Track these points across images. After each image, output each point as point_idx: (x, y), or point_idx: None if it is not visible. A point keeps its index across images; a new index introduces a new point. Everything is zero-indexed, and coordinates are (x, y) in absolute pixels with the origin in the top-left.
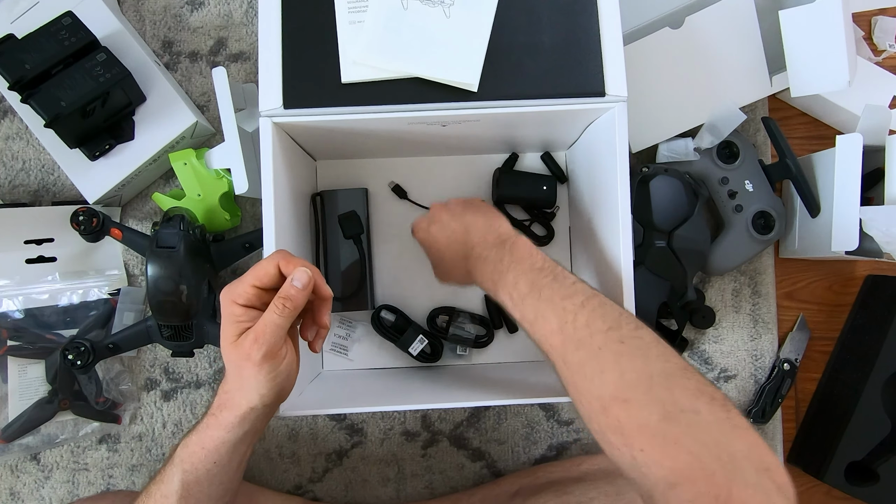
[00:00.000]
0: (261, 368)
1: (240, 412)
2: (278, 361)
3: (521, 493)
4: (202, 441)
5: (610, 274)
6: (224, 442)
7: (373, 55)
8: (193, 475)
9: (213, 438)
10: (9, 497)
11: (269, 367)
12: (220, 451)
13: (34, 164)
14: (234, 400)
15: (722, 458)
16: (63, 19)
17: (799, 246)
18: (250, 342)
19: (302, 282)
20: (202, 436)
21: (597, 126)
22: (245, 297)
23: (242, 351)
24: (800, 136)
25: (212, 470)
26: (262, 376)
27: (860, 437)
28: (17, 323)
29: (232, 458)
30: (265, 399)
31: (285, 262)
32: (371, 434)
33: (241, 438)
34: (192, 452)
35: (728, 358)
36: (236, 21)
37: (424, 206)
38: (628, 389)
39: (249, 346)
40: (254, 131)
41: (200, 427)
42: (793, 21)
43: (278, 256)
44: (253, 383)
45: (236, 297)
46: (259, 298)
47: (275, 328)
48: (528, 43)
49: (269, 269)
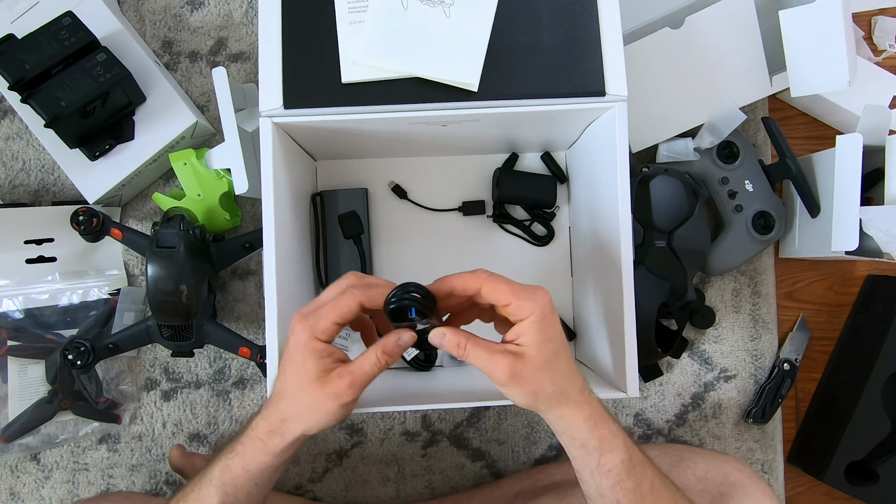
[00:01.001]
0: (346, 409)
1: (292, 438)
2: (355, 404)
3: (522, 495)
4: (247, 465)
5: (610, 274)
6: (269, 466)
7: (373, 55)
8: (233, 497)
9: (259, 463)
10: (9, 497)
11: (350, 406)
12: (264, 475)
13: (34, 164)
14: (291, 428)
15: None
16: (63, 19)
17: (799, 246)
18: (346, 385)
19: (406, 343)
20: (248, 460)
21: (597, 126)
22: (328, 334)
23: (332, 390)
24: (800, 136)
25: (252, 491)
26: (339, 413)
27: (860, 437)
28: (17, 323)
29: (272, 479)
30: (323, 426)
31: (367, 298)
32: (371, 434)
33: (283, 462)
34: (236, 476)
35: (728, 358)
36: (236, 21)
37: (424, 207)
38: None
39: (344, 389)
40: (254, 131)
41: (244, 451)
42: (793, 21)
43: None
44: (325, 417)
45: (319, 333)
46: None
47: (370, 377)
48: (528, 43)
49: (352, 307)
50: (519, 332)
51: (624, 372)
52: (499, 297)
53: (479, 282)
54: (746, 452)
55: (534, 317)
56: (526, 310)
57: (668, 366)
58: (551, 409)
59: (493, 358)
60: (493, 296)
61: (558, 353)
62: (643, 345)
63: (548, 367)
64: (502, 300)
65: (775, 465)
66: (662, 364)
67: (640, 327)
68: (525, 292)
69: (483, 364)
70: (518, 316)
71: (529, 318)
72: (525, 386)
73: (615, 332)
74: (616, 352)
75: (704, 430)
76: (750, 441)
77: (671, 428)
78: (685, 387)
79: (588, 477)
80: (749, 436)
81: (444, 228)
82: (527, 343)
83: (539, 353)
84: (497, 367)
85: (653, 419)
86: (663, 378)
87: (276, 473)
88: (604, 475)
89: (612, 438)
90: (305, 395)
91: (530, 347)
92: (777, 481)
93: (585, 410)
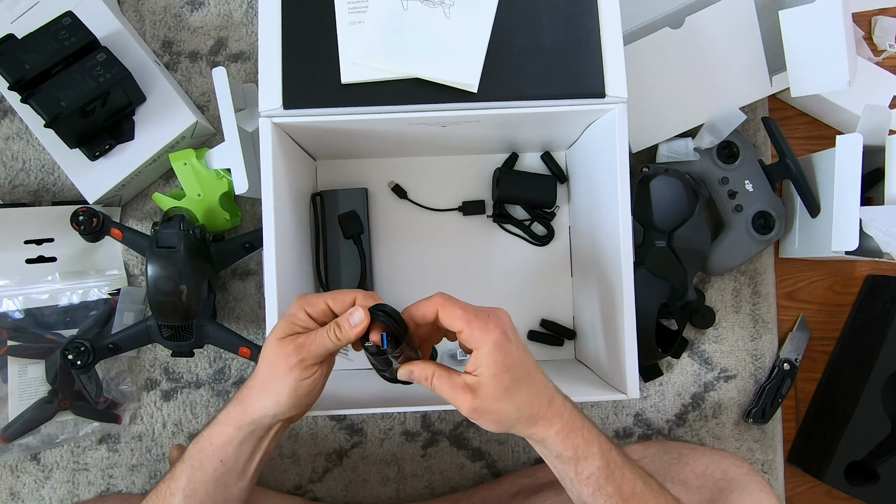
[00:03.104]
0: (290, 372)
1: (253, 412)
2: (306, 374)
3: (522, 492)
4: (211, 435)
5: (610, 274)
6: (231, 439)
7: (373, 55)
8: (200, 472)
9: (221, 434)
10: (9, 497)
11: (298, 374)
12: (227, 449)
13: (34, 164)
14: (252, 397)
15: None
16: (63, 19)
17: (799, 246)
18: (295, 345)
19: (356, 321)
20: (212, 431)
21: (597, 126)
22: (316, 311)
23: (284, 349)
24: (800, 136)
25: (218, 469)
26: (288, 381)
27: (860, 437)
28: (17, 323)
29: (237, 460)
30: (281, 406)
31: (363, 298)
32: (371, 434)
33: (247, 438)
34: (202, 447)
35: (728, 358)
36: (236, 21)
37: (424, 206)
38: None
39: (293, 348)
40: (254, 131)
41: (212, 422)
42: (793, 21)
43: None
44: (277, 385)
45: (308, 305)
46: (326, 318)
47: (321, 346)
48: (528, 43)
49: (347, 299)
50: (476, 364)
51: (624, 373)
52: (452, 324)
53: (434, 307)
54: (746, 452)
55: (485, 348)
56: (478, 340)
57: (668, 366)
58: (521, 432)
59: (455, 393)
60: (447, 321)
61: (518, 381)
62: (643, 345)
63: (507, 396)
64: (455, 327)
65: (775, 465)
66: (662, 364)
67: (641, 327)
68: (477, 321)
69: (448, 397)
70: (472, 345)
71: (482, 349)
72: (487, 417)
73: (615, 333)
74: (616, 353)
75: (704, 430)
76: (750, 441)
77: (671, 428)
78: (685, 387)
79: (569, 485)
80: (749, 436)
81: (444, 228)
82: (483, 375)
83: (496, 383)
84: (458, 402)
85: (653, 419)
86: (663, 378)
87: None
88: (583, 483)
89: (587, 446)
90: (265, 358)
91: (487, 379)
92: (777, 481)
93: (556, 424)
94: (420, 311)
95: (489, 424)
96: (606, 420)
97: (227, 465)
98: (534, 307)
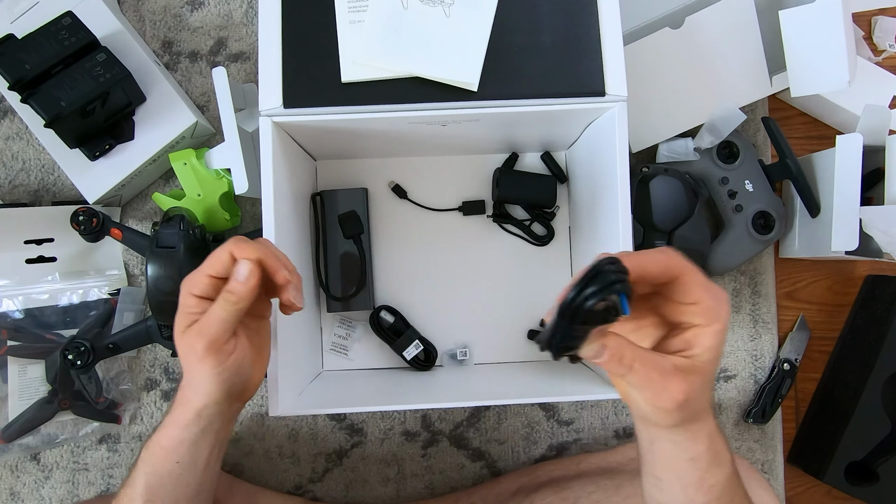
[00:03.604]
0: (203, 363)
1: (193, 408)
2: (223, 356)
3: (522, 491)
4: (160, 440)
5: None
6: (182, 441)
7: (373, 55)
8: (156, 476)
9: (170, 437)
10: (9, 497)
11: (212, 361)
12: (180, 450)
13: (34, 164)
14: (186, 396)
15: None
16: (63, 19)
17: (799, 246)
18: (194, 334)
19: (243, 275)
20: (160, 435)
21: (597, 126)
22: (200, 288)
23: (186, 342)
24: (800, 136)
25: (174, 470)
26: (206, 371)
27: (860, 437)
28: (17, 323)
29: (195, 457)
30: (212, 396)
31: (238, 249)
32: (371, 434)
33: (200, 436)
34: (153, 453)
35: (728, 358)
36: (236, 21)
37: (424, 206)
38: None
39: (193, 338)
40: (254, 131)
41: (160, 426)
42: (793, 21)
43: (232, 244)
44: (199, 378)
45: (192, 286)
46: (216, 289)
47: (218, 321)
48: (528, 43)
49: (222, 258)
50: (692, 344)
51: None
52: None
53: (675, 266)
54: (746, 452)
55: (719, 324)
56: (712, 314)
57: None
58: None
59: (665, 378)
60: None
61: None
62: None
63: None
64: (693, 296)
65: (775, 465)
66: None
67: None
68: (717, 291)
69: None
70: (701, 319)
71: (714, 325)
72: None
73: None
74: None
75: None
76: (750, 441)
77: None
78: None
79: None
80: (749, 436)
81: (444, 228)
82: (701, 358)
83: (712, 370)
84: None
85: None
86: None
87: (197, 453)
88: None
89: (725, 451)
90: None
91: (707, 364)
92: (777, 481)
93: (711, 422)
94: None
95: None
96: (606, 420)
97: (183, 465)
98: (533, 307)
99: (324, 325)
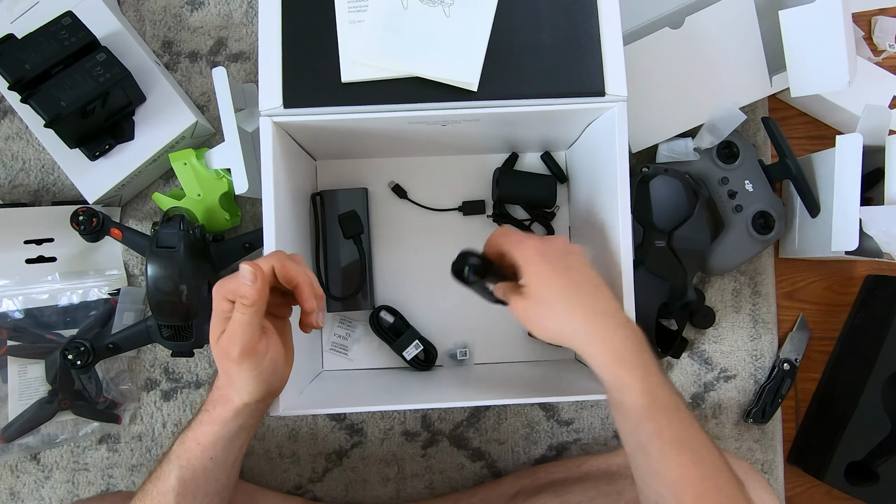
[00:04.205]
0: (241, 366)
1: (232, 407)
2: (259, 357)
3: (522, 493)
4: (197, 437)
5: (610, 274)
6: (219, 437)
7: (373, 55)
8: (190, 471)
9: (207, 434)
10: (9, 497)
11: (249, 363)
12: (216, 446)
13: (34, 164)
14: (227, 396)
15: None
16: (63, 19)
17: (799, 246)
18: (226, 340)
19: (247, 278)
20: (197, 432)
21: (597, 126)
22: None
23: (222, 349)
24: (800, 136)
25: (208, 465)
26: (244, 373)
27: (860, 437)
28: (17, 323)
29: (227, 454)
30: (254, 395)
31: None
32: (371, 434)
33: (236, 434)
34: (188, 448)
35: (728, 358)
36: (236, 21)
37: (424, 206)
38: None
39: (227, 345)
40: (254, 131)
41: (195, 423)
42: (793, 21)
43: (274, 258)
44: (238, 380)
45: (227, 293)
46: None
47: (241, 325)
48: (528, 42)
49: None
50: (524, 279)
51: None
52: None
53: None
54: (746, 452)
55: (521, 261)
56: (522, 261)
57: (668, 366)
58: (570, 346)
59: (512, 300)
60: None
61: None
62: None
63: (544, 306)
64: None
65: (775, 465)
66: (662, 364)
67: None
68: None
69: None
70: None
71: (526, 267)
72: (528, 322)
73: None
74: None
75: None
76: (750, 441)
77: None
78: (685, 387)
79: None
80: (749, 436)
81: (444, 228)
82: (530, 286)
83: (534, 293)
84: (513, 307)
85: None
86: None
87: (231, 449)
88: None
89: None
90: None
91: (527, 289)
92: (777, 481)
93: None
94: (492, 247)
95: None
96: (606, 420)
97: (216, 461)
98: None
99: (324, 325)
